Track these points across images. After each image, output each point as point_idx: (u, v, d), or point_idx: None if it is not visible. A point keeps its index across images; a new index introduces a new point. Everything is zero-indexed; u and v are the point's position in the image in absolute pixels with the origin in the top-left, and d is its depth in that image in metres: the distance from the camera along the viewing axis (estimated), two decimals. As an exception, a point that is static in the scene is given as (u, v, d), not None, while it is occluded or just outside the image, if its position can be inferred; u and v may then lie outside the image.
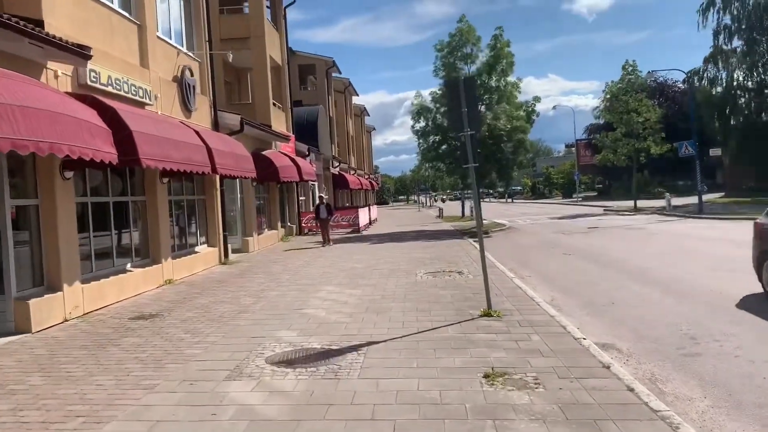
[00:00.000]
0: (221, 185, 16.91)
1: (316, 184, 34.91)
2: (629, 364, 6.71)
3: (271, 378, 6.17)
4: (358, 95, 59.43)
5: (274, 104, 25.42)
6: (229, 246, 17.51)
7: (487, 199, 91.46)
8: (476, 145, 9.22)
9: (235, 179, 16.56)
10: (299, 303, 10.34)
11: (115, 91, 11.00)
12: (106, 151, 8.87)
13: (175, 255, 14.05)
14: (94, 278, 10.52)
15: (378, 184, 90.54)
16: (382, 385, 5.80)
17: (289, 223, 27.23)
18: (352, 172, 53.77)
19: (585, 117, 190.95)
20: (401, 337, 7.69)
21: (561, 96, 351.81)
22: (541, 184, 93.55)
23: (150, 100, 12.51)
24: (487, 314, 8.80)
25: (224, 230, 16.94)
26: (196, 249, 15.60)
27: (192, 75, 15.17)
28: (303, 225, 27.85)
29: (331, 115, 43.41)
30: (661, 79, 62.12)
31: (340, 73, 45.98)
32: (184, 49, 15.50)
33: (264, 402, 5.47)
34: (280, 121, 25.74)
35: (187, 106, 14.78)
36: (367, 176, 69.26)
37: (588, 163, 73.48)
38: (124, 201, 12.19)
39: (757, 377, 5.98)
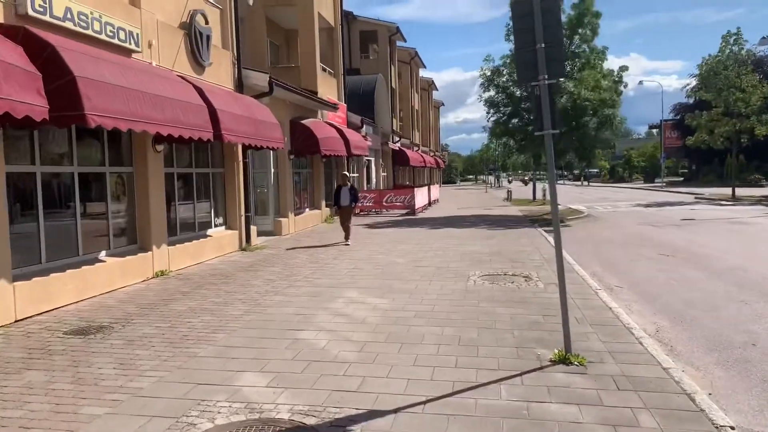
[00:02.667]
0: (244, 157, 14.32)
1: (372, 159, 32.16)
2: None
3: (166, 500, 3.42)
4: (425, 67, 55.97)
5: (323, 69, 22.66)
6: (254, 228, 14.97)
7: (560, 182, 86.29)
8: (556, 102, 6.14)
9: (258, 149, 13.92)
10: (299, 319, 7.57)
11: (78, 29, 8.43)
12: (26, 101, 6.28)
13: (175, 240, 11.59)
14: (42, 272, 8.08)
15: (445, 162, 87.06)
16: None
17: (337, 202, 24.55)
18: (416, 148, 50.67)
19: (669, 97, 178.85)
20: (423, 403, 4.79)
21: (643, 76, 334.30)
22: (620, 167, 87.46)
23: (137, 46, 9.93)
24: (563, 359, 5.78)
25: (247, 210, 14.38)
26: (208, 232, 13.10)
27: (207, 23, 12.53)
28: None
29: (393, 86, 40.37)
30: (761, 53, 55.39)
31: (405, 41, 42.68)
32: (200, -8, 12.89)
33: None
34: (329, 88, 22.98)
35: (197, 60, 12.17)
36: (432, 153, 65.97)
37: (673, 146, 67.61)
38: (100, 172, 9.70)
39: None
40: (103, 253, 9.64)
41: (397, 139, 39.51)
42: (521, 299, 8.51)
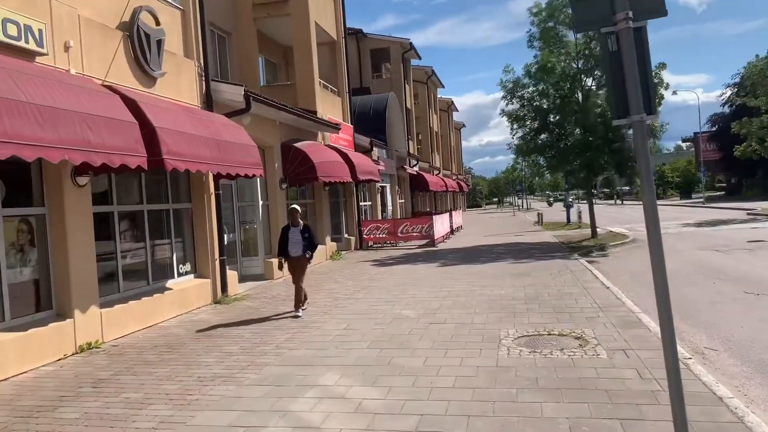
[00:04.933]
0: (216, 188, 11.75)
1: (387, 185, 29.51)
2: None
3: None
4: (443, 87, 53.39)
5: (324, 86, 20.19)
6: (234, 274, 12.31)
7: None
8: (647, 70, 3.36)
9: (230, 178, 11.33)
10: (232, 441, 4.82)
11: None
12: None
13: (115, 299, 8.98)
14: None
15: (468, 185, 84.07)
16: None
17: (346, 235, 21.91)
18: (436, 172, 47.93)
19: (696, 111, 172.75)
20: None
21: (667, 91, 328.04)
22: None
23: (40, 46, 7.45)
24: None
25: (222, 253, 11.75)
26: (168, 284, 10.47)
27: (158, 24, 10.08)
28: (364, 237, 22.44)
29: (408, 106, 37.85)
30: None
31: (420, 59, 40.22)
32: (151, -13, 10.48)
33: None
34: (331, 108, 20.47)
35: (143, 69, 9.67)
36: (454, 177, 63.17)
37: (711, 159, 63.74)
38: (-12, 217, 7.16)
39: None
40: (-8, 327, 7.05)
41: (415, 162, 36.85)
42: (579, 383, 5.64)
